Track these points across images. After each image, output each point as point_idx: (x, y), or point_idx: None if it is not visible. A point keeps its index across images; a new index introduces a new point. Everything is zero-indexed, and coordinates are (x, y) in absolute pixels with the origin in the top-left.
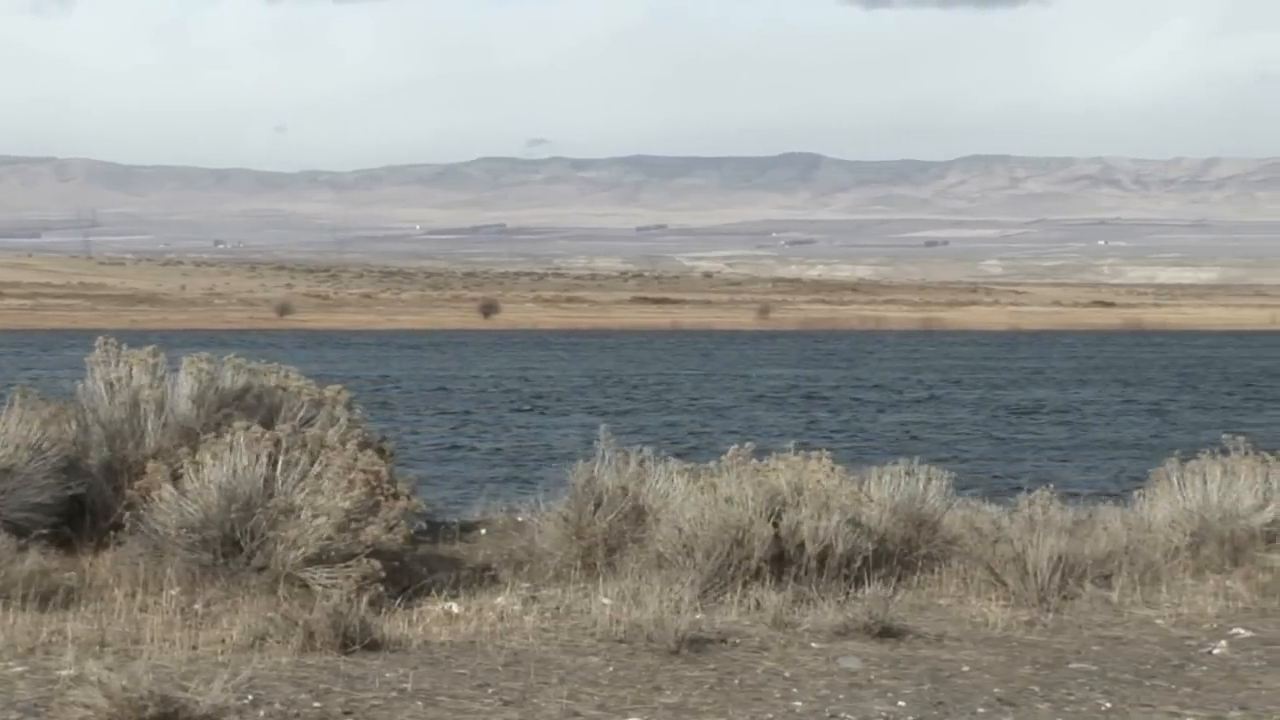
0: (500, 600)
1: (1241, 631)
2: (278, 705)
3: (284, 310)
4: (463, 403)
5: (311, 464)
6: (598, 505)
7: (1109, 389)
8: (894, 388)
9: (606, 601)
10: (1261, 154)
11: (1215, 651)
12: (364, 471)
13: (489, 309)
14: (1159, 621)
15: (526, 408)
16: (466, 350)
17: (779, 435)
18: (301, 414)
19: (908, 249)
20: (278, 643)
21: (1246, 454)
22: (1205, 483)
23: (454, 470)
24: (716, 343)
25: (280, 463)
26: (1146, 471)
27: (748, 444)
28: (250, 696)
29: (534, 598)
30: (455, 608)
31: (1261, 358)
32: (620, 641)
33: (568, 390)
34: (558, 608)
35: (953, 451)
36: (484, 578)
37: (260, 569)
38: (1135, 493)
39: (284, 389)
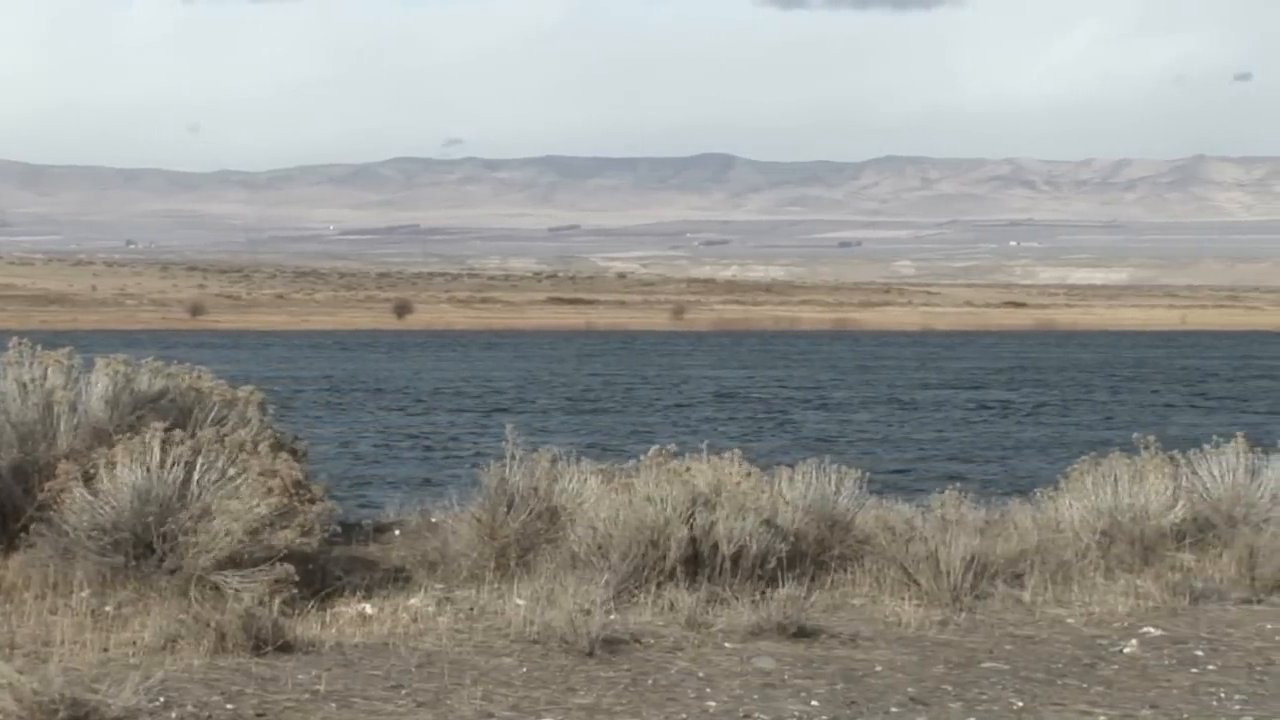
0: (414, 601)
1: (1152, 630)
2: (190, 707)
3: (196, 311)
4: (407, 403)
5: (227, 467)
6: (511, 506)
7: (1060, 390)
8: (838, 387)
9: (520, 602)
10: (1172, 155)
11: (1126, 650)
12: (279, 476)
13: (402, 310)
14: (1070, 620)
15: (488, 409)
16: (410, 350)
17: (738, 436)
18: (214, 415)
19: (821, 250)
20: (189, 645)
21: (1156, 454)
22: (1116, 482)
23: (391, 471)
24: (650, 343)
25: (195, 465)
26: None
27: (669, 446)
28: (162, 699)
29: (448, 599)
30: (369, 609)
31: (1187, 357)
32: (534, 642)
33: (526, 392)
34: (471, 609)
35: (945, 452)
36: (398, 579)
37: (172, 571)
38: (1037, 490)
39: (197, 390)
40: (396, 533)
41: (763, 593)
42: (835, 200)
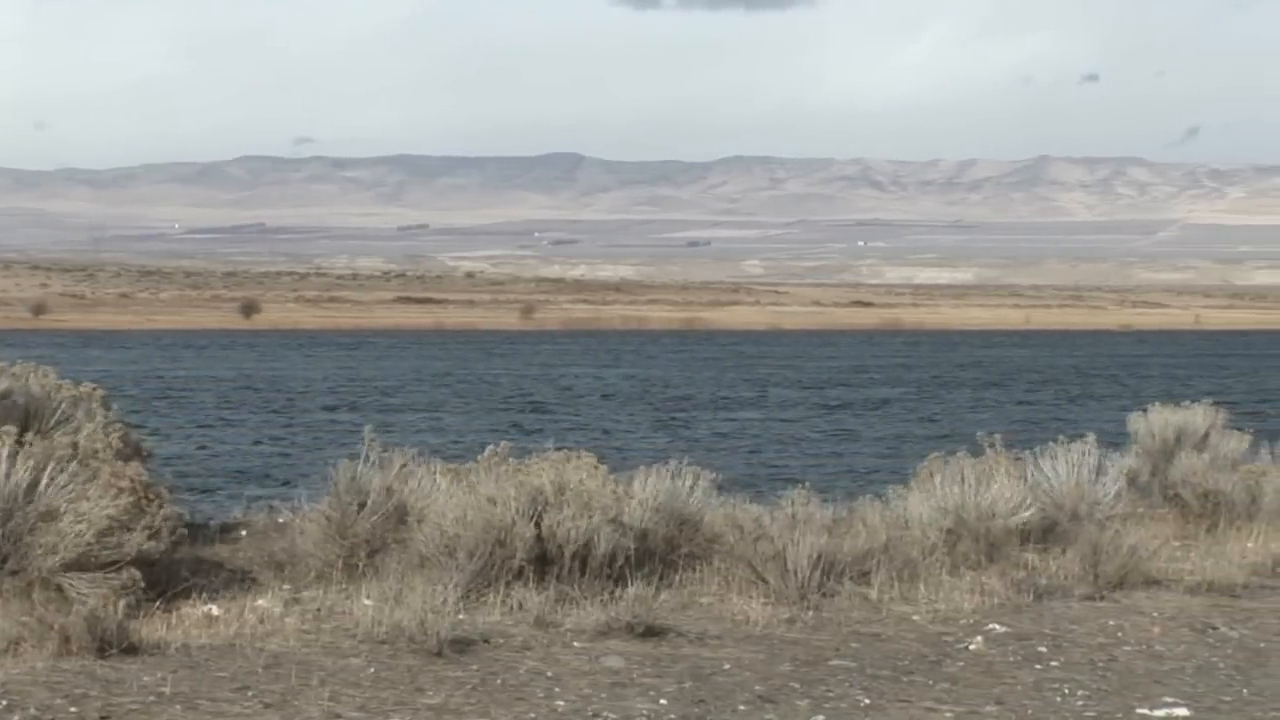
0: (260, 602)
1: (997, 627)
2: (32, 710)
3: (39, 310)
4: (270, 402)
5: (72, 467)
6: (361, 506)
7: (961, 390)
8: (729, 385)
9: (368, 603)
10: (1017, 156)
11: (971, 647)
12: (129, 478)
13: (250, 309)
14: (916, 618)
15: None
16: (270, 350)
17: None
18: (60, 416)
19: (670, 249)
20: (33, 647)
21: (1002, 452)
22: (963, 481)
23: (245, 469)
24: (522, 342)
25: (42, 466)
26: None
27: (505, 443)
28: (4, 701)
29: (295, 599)
30: (215, 610)
31: (1067, 356)
32: (382, 643)
33: (405, 392)
34: (319, 609)
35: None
36: (244, 580)
37: (14, 573)
38: (890, 489)
39: (44, 391)
40: (243, 533)
41: (611, 592)
42: (684, 200)
